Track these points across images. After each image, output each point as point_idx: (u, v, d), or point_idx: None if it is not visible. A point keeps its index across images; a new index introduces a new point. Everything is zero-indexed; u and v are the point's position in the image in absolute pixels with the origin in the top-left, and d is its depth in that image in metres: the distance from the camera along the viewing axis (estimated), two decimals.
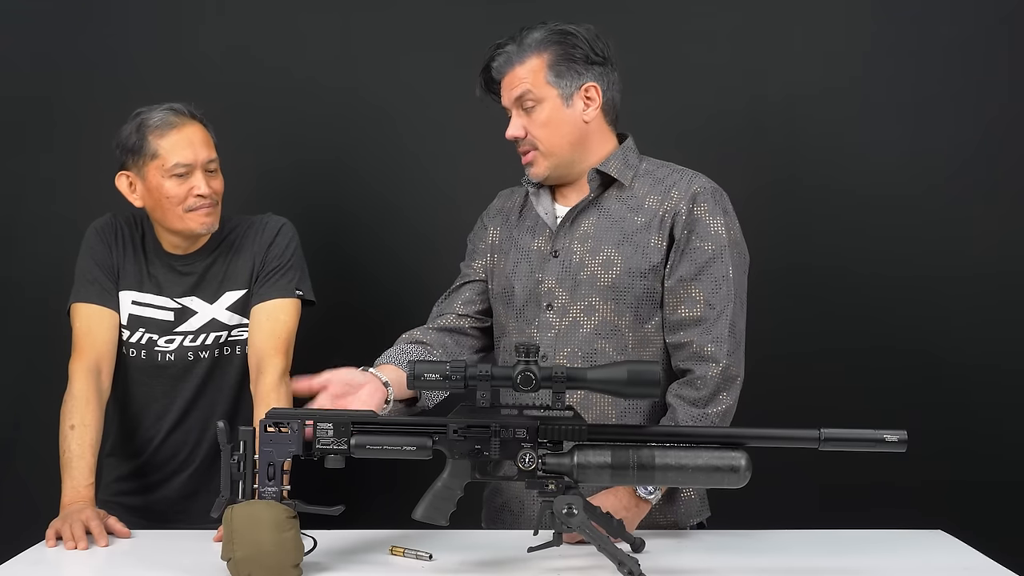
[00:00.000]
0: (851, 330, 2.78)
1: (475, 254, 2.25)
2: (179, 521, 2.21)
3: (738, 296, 2.05)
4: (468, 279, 2.23)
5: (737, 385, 2.02)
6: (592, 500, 1.89)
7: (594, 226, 2.09)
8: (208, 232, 2.23)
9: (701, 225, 2.03)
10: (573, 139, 2.09)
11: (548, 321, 2.09)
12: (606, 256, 2.06)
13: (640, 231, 2.06)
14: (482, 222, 2.28)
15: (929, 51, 2.78)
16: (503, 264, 2.18)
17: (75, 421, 2.10)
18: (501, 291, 2.17)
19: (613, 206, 2.10)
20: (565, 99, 2.07)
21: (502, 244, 2.21)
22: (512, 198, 2.26)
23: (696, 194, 2.05)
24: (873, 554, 1.91)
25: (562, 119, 2.07)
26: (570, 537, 1.85)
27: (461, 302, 2.21)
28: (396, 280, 2.86)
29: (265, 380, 2.16)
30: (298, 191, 2.85)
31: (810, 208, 2.80)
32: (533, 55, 2.06)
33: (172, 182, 2.18)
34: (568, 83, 2.06)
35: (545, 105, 2.06)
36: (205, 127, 2.24)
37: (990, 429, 2.78)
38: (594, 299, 2.06)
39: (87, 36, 2.84)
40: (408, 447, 1.73)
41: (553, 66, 2.06)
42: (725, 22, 2.80)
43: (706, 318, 2.01)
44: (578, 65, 2.07)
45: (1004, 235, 2.78)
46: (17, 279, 2.86)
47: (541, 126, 2.07)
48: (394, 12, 2.85)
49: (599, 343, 2.06)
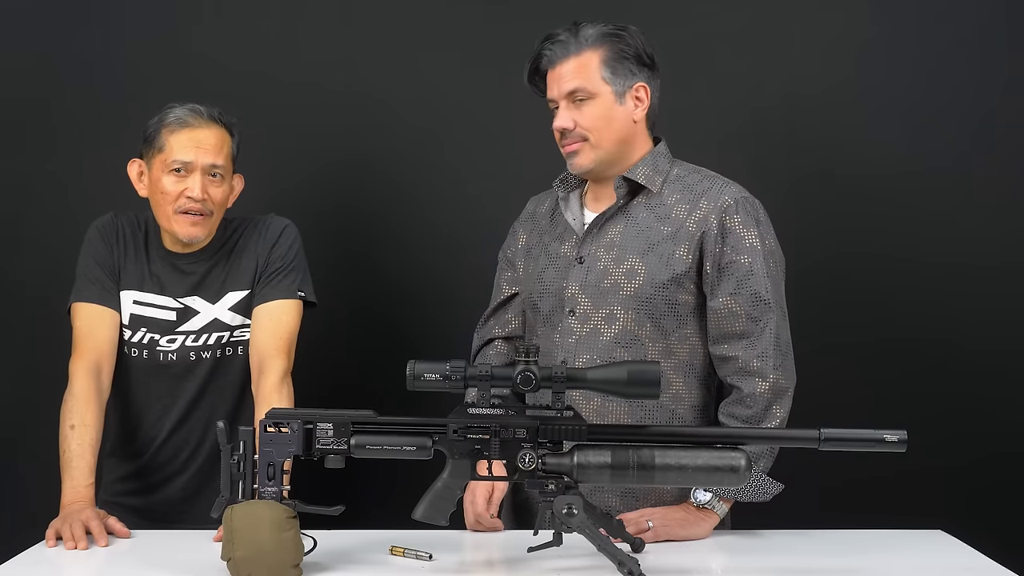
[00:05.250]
0: (851, 329, 2.78)
1: (506, 266, 2.29)
2: (180, 521, 2.20)
3: (779, 306, 2.05)
4: (501, 297, 2.27)
5: (789, 396, 2.03)
6: (653, 514, 1.94)
7: (620, 234, 2.09)
8: (192, 242, 2.22)
9: (735, 237, 2.04)
10: (622, 136, 2.10)
11: (570, 327, 2.09)
12: (630, 266, 2.06)
13: (666, 241, 2.06)
14: (513, 230, 2.31)
15: (927, 50, 2.78)
16: (532, 269, 2.20)
17: (75, 421, 2.10)
18: (528, 296, 2.19)
19: (641, 214, 2.10)
20: (618, 96, 2.08)
21: (532, 249, 2.22)
22: (543, 203, 2.28)
23: (727, 206, 2.05)
24: (873, 554, 1.91)
25: (614, 115, 2.08)
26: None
27: (499, 325, 2.27)
28: (414, 280, 2.87)
29: (267, 381, 2.16)
30: (308, 192, 2.85)
31: (810, 206, 2.80)
32: (588, 49, 2.07)
33: (169, 178, 2.18)
34: (621, 81, 2.07)
35: (599, 100, 2.07)
36: (229, 134, 2.23)
37: (990, 429, 2.77)
38: (616, 308, 2.06)
39: (87, 36, 2.84)
40: (408, 447, 1.73)
41: (608, 62, 2.06)
42: (730, 23, 2.81)
43: (750, 332, 2.02)
44: (631, 64, 2.08)
45: (1008, 231, 2.77)
46: (18, 278, 2.85)
47: (593, 120, 2.07)
48: (395, 12, 2.85)
49: (618, 352, 2.06)
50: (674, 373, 2.07)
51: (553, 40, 2.09)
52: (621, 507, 2.05)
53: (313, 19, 2.86)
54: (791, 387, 2.04)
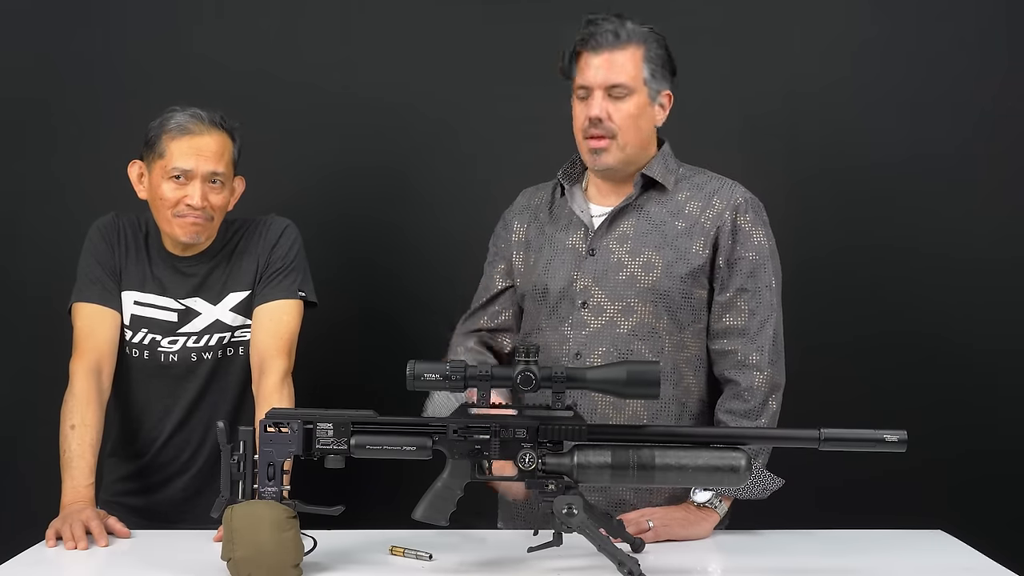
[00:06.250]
0: (851, 327, 2.78)
1: (497, 257, 2.27)
2: (181, 522, 2.20)
3: (778, 305, 2.09)
4: (495, 290, 2.25)
5: (781, 392, 2.07)
6: (653, 514, 1.94)
7: (633, 228, 2.10)
8: (192, 242, 2.22)
9: (744, 235, 2.07)
10: (644, 138, 2.11)
11: (582, 319, 2.09)
12: (646, 258, 2.07)
13: (681, 236, 2.08)
14: (504, 221, 2.29)
15: (926, 50, 2.78)
16: (534, 261, 2.19)
17: (76, 421, 2.10)
18: (532, 288, 2.17)
19: (653, 209, 2.11)
20: (652, 98, 2.09)
21: (533, 240, 2.21)
22: (538, 195, 2.27)
23: (739, 205, 2.08)
24: (873, 554, 1.91)
25: (645, 116, 2.09)
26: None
27: (488, 316, 2.25)
28: (414, 280, 2.87)
29: (267, 381, 2.16)
30: (308, 192, 2.85)
31: (808, 205, 2.80)
32: (634, 44, 2.06)
33: (169, 184, 2.17)
34: (657, 84, 2.09)
35: (635, 98, 2.07)
36: (231, 140, 2.22)
37: (991, 429, 2.77)
38: (632, 300, 2.07)
39: (87, 36, 2.84)
40: (408, 447, 1.73)
41: (649, 63, 2.07)
42: (728, 23, 2.81)
43: (749, 328, 2.05)
44: (665, 69, 2.10)
45: (1006, 229, 2.77)
46: (18, 278, 2.85)
47: (627, 117, 2.07)
48: (395, 13, 2.85)
49: (636, 344, 2.07)
50: (686, 367, 2.09)
51: (600, 25, 2.05)
52: (636, 501, 2.06)
53: (313, 19, 2.86)
54: (782, 385, 2.07)
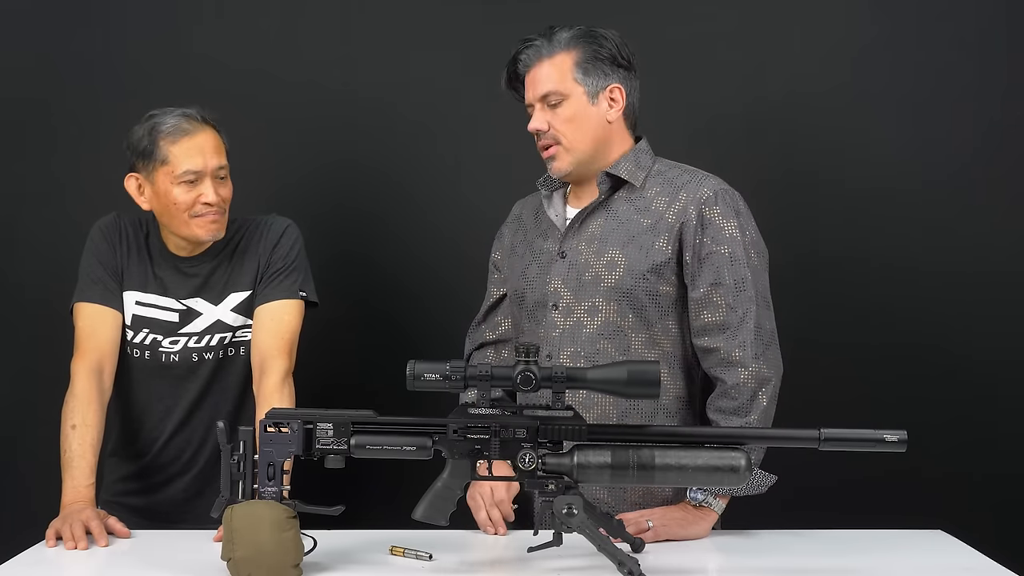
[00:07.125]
0: (851, 327, 2.78)
1: (494, 269, 2.31)
2: (182, 522, 2.20)
3: (761, 296, 2.06)
4: (491, 301, 2.30)
5: (773, 385, 2.03)
6: (652, 514, 1.95)
7: (601, 228, 2.11)
8: (214, 239, 2.22)
9: (714, 228, 2.04)
10: (595, 137, 2.10)
11: (554, 321, 2.10)
12: (610, 257, 2.07)
13: (645, 232, 2.07)
14: (500, 233, 2.33)
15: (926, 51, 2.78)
16: (515, 266, 2.22)
17: (76, 421, 2.10)
18: (514, 293, 2.22)
19: (621, 208, 2.11)
20: (591, 96, 2.09)
21: (516, 248, 2.24)
22: (527, 205, 2.30)
23: (706, 198, 2.06)
24: (873, 554, 1.91)
25: (587, 116, 2.09)
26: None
27: (489, 328, 2.29)
28: (414, 280, 2.87)
29: (268, 381, 2.16)
30: (308, 191, 2.85)
31: (810, 204, 2.80)
32: (562, 52, 2.08)
33: (180, 189, 2.17)
34: (594, 81, 2.08)
35: (571, 101, 2.08)
36: (218, 132, 2.22)
37: (991, 429, 2.77)
38: (598, 300, 2.07)
39: (87, 36, 2.84)
40: (408, 447, 1.73)
41: (581, 64, 2.08)
42: (725, 22, 2.80)
43: (729, 323, 2.02)
44: (605, 65, 2.09)
45: (1005, 232, 2.77)
46: (18, 279, 2.85)
47: (565, 122, 2.08)
48: (394, 12, 2.85)
49: (602, 343, 2.07)
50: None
51: (527, 45, 2.11)
52: (612, 501, 2.07)
53: (313, 18, 2.86)
54: (775, 377, 2.03)
